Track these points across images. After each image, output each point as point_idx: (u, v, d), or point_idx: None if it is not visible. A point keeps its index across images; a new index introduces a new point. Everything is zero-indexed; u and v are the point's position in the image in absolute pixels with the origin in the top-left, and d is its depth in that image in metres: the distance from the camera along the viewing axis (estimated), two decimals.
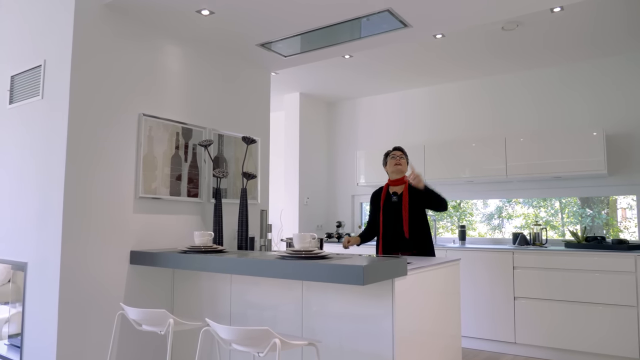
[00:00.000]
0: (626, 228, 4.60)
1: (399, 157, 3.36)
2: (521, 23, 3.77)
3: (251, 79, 3.89)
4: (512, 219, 5.19)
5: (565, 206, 4.94)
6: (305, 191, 5.73)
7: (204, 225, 3.38)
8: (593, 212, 4.77)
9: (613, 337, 3.80)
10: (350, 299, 2.34)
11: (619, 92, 4.45)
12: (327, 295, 2.42)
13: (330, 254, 2.38)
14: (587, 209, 4.80)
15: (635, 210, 4.43)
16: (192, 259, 2.58)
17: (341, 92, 5.75)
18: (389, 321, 2.22)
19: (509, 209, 5.21)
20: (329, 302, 2.41)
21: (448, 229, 5.55)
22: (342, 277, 2.03)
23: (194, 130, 3.34)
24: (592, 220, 4.78)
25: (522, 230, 5.03)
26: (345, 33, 3.33)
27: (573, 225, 4.85)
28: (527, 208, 5.11)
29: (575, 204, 4.86)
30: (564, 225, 4.92)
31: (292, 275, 2.19)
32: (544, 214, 5.02)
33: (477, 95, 5.19)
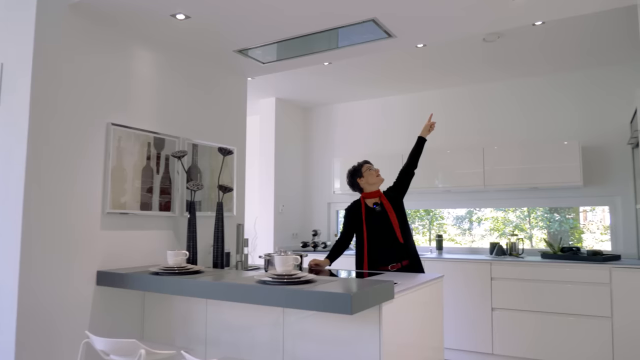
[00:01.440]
0: (589, 231, 4.69)
1: (376, 169, 3.28)
2: (502, 34, 3.74)
3: (227, 86, 3.73)
4: (482, 222, 5.20)
5: (532, 210, 4.97)
6: (280, 199, 5.59)
7: (177, 241, 3.21)
8: (561, 217, 4.83)
9: (588, 348, 3.82)
10: (335, 324, 2.23)
11: (594, 105, 4.50)
12: (310, 319, 2.30)
13: (314, 277, 2.26)
14: (555, 214, 4.85)
15: (599, 216, 4.50)
16: (165, 282, 2.41)
17: (318, 98, 5.64)
18: (376, 346, 2.12)
19: (479, 213, 5.22)
20: (312, 327, 2.29)
21: (419, 231, 5.51)
22: (329, 305, 1.91)
23: (167, 140, 3.16)
24: (560, 225, 4.84)
25: (490, 232, 5.08)
26: (327, 41, 3.21)
27: (540, 229, 4.89)
28: (496, 212, 5.13)
29: (544, 209, 4.90)
30: (532, 228, 4.96)
31: (273, 301, 2.06)
32: (513, 218, 5.04)
33: (456, 104, 5.17)
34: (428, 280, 2.66)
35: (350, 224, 3.34)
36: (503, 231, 5.07)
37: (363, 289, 1.96)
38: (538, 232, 4.94)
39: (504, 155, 4.53)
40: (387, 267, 3.18)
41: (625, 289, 3.73)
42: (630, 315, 3.70)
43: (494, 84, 4.97)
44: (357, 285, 2.09)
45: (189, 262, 3.01)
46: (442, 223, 5.41)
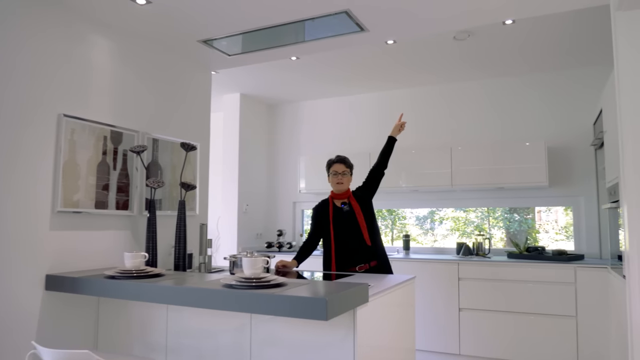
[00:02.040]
0: (545, 231, 4.77)
1: (341, 176, 3.16)
2: (473, 33, 3.72)
3: (191, 78, 3.54)
4: (443, 222, 5.21)
5: (492, 211, 5.02)
6: (244, 198, 5.41)
7: (135, 242, 3.00)
8: (520, 217, 4.90)
9: (553, 347, 3.85)
10: (306, 329, 2.11)
11: (560, 106, 4.56)
12: (279, 324, 2.17)
13: (284, 280, 2.13)
14: (515, 214, 4.91)
15: (554, 217, 4.57)
16: (122, 286, 2.22)
17: (284, 95, 5.50)
18: (350, 351, 2.01)
19: (441, 212, 5.23)
20: (281, 332, 2.16)
21: (382, 231, 5.47)
22: (302, 311, 1.79)
23: (125, 134, 2.95)
24: (520, 225, 4.91)
25: (452, 232, 5.10)
26: (296, 34, 3.09)
27: (498, 229, 4.94)
28: (457, 212, 5.15)
29: (503, 209, 4.95)
30: (491, 228, 5.01)
31: (241, 307, 1.92)
32: (473, 218, 5.07)
33: (425, 103, 5.14)
34: (401, 282, 2.58)
35: (317, 224, 3.23)
36: (464, 231, 5.10)
37: (338, 292, 1.85)
38: (497, 232, 4.99)
39: (472, 155, 4.53)
40: (354, 268, 3.10)
41: (589, 289, 3.78)
42: (594, 315, 3.75)
43: (462, 84, 4.98)
44: (330, 288, 1.97)
45: (149, 265, 2.82)
46: (405, 223, 5.39)
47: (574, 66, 4.46)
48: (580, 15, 3.41)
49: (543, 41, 3.89)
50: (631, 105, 2.29)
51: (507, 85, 4.78)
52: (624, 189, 2.34)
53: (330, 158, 3.26)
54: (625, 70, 2.32)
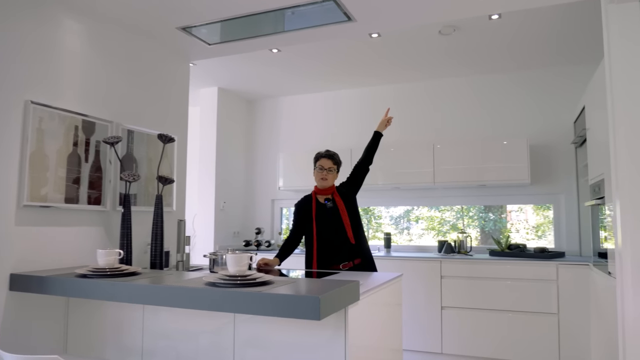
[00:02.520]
0: (516, 230, 4.80)
1: (326, 172, 3.06)
2: (458, 28, 3.67)
3: (168, 67, 3.37)
4: (419, 221, 5.18)
5: (467, 210, 5.01)
6: (221, 195, 5.25)
7: (109, 239, 2.83)
8: (495, 216, 4.90)
9: (535, 344, 3.84)
10: (294, 329, 2.00)
11: (543, 104, 4.57)
12: (264, 324, 2.05)
13: (271, 278, 2.02)
14: (490, 213, 4.92)
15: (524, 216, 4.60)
16: (95, 286, 2.07)
17: (263, 89, 5.36)
18: (341, 352, 1.91)
19: (416, 212, 5.20)
20: (267, 332, 2.04)
21: None
22: (293, 310, 1.68)
23: (98, 124, 2.78)
24: (494, 224, 4.91)
25: (427, 232, 5.08)
26: (280, 23, 2.97)
27: (473, 228, 4.94)
28: (431, 210, 5.13)
29: (478, 207, 4.94)
30: (465, 227, 5.00)
31: (226, 307, 1.79)
32: (448, 217, 5.06)
33: (408, 99, 5.09)
34: (390, 279, 2.50)
35: (300, 221, 3.13)
36: (439, 230, 5.08)
37: (330, 291, 1.74)
38: (472, 231, 4.98)
39: (454, 152, 4.49)
40: (338, 266, 3.01)
41: (571, 286, 3.79)
42: (575, 311, 3.76)
43: (446, 80, 4.94)
44: (321, 286, 1.86)
45: (123, 263, 2.65)
46: (380, 222, 5.33)
47: (555, 64, 4.48)
48: (563, 13, 3.40)
49: (525, 39, 3.88)
50: (624, 99, 2.26)
51: (490, 82, 4.77)
52: (616, 185, 2.31)
53: (319, 151, 3.16)
54: (617, 63, 2.29)
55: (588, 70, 4.41)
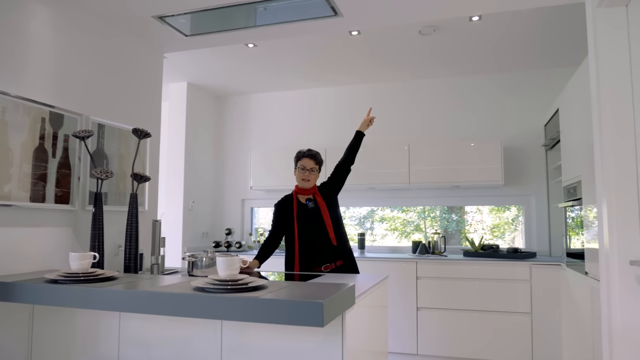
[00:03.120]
0: (475, 231, 4.88)
1: (308, 172, 2.97)
2: (438, 28, 3.67)
3: (142, 59, 3.19)
4: (384, 222, 5.19)
5: (430, 210, 5.05)
6: (190, 194, 5.06)
7: (77, 241, 2.63)
8: (457, 217, 4.97)
9: (509, 343, 3.89)
10: (286, 336, 1.90)
11: (516, 106, 4.65)
12: (253, 330, 1.94)
13: (264, 282, 1.90)
14: (453, 214, 4.97)
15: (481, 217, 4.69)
16: (68, 292, 1.89)
17: (235, 86, 5.20)
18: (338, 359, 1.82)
19: (379, 212, 5.20)
20: (257, 339, 1.93)
21: None
22: (294, 317, 1.58)
23: (66, 116, 2.57)
24: (457, 225, 4.97)
25: (391, 232, 5.10)
26: (264, 15, 2.86)
27: (433, 229, 4.99)
28: (395, 211, 5.14)
29: (442, 208, 5.00)
30: (427, 228, 5.04)
31: (219, 314, 1.67)
32: (410, 217, 5.08)
33: (385, 99, 5.06)
34: (378, 282, 2.44)
35: (280, 221, 3.03)
36: (403, 231, 5.09)
37: (331, 295, 1.66)
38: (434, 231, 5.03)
39: (429, 153, 4.50)
40: (320, 268, 2.93)
41: (543, 285, 3.86)
42: (547, 311, 3.83)
43: (424, 80, 4.94)
44: (318, 291, 1.77)
45: (94, 267, 2.47)
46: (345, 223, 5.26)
47: (530, 67, 4.56)
48: (540, 17, 3.45)
49: (502, 41, 3.92)
50: (612, 102, 2.29)
51: (467, 84, 4.81)
52: (603, 187, 2.33)
53: (301, 150, 3.06)
54: (605, 65, 2.32)
55: (561, 73, 4.52)
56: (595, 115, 2.42)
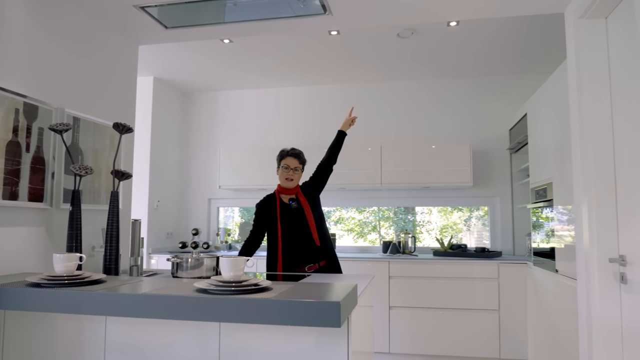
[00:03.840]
0: (427, 232, 5.04)
1: (292, 171, 2.94)
2: (416, 31, 3.73)
3: (118, 50, 3.03)
4: (338, 223, 5.24)
5: (385, 211, 5.14)
6: (155, 193, 4.87)
7: (50, 241, 2.46)
8: (414, 218, 5.10)
9: (478, 339, 4.02)
10: (288, 338, 1.86)
11: (485, 110, 4.80)
12: (253, 332, 1.88)
13: (268, 283, 1.85)
14: (409, 215, 5.09)
15: (434, 217, 4.86)
16: (55, 297, 1.76)
17: (203, 82, 5.06)
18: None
19: (336, 213, 5.24)
20: (256, 342, 1.88)
21: None
22: (310, 318, 1.55)
23: (41, 108, 2.40)
24: (414, 225, 5.10)
25: (348, 233, 5.16)
26: (249, 10, 2.79)
27: (387, 229, 5.08)
28: (350, 212, 5.21)
29: (397, 209, 5.10)
30: (383, 229, 5.13)
31: (232, 317, 1.61)
32: (371, 218, 5.16)
33: (357, 99, 5.09)
34: (370, 282, 2.44)
35: (262, 221, 2.98)
36: (359, 232, 5.15)
37: (341, 295, 1.64)
38: (389, 230, 5.13)
39: (401, 154, 4.57)
40: (303, 268, 2.91)
41: (510, 283, 4.01)
42: (514, 307, 3.99)
43: (398, 82, 5.01)
44: (326, 291, 1.75)
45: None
46: None
47: (500, 73, 4.73)
48: (513, 27, 3.59)
49: (476, 48, 4.04)
50: (592, 107, 2.41)
51: (440, 87, 4.92)
52: (583, 189, 2.45)
53: (284, 149, 3.02)
54: (586, 72, 2.44)
55: (527, 80, 4.72)
56: (576, 120, 2.54)
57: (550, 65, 4.47)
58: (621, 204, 2.30)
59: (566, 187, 2.98)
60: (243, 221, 5.45)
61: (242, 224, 5.44)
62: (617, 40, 2.32)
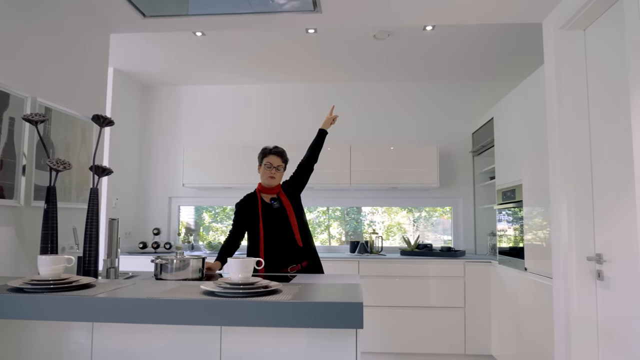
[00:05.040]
0: (374, 232, 5.10)
1: (275, 170, 2.89)
2: (392, 34, 3.77)
3: (90, 38, 2.84)
4: None
5: (333, 210, 5.21)
6: (114, 191, 4.61)
7: (19, 242, 2.26)
8: (362, 217, 5.19)
9: (445, 336, 4.13)
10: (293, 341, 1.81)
11: (451, 114, 4.94)
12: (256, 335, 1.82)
13: (278, 285, 1.79)
14: (360, 214, 5.18)
15: (381, 218, 5.02)
16: (42, 302, 1.61)
17: (165, 75, 4.85)
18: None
19: None
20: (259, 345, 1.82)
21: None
22: (331, 319, 1.52)
23: (13, 96, 2.20)
24: (359, 225, 5.17)
25: None
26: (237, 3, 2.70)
27: (336, 228, 5.16)
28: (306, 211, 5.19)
29: (341, 209, 5.16)
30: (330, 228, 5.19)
31: (247, 320, 1.54)
32: (323, 218, 5.21)
33: (326, 99, 5.07)
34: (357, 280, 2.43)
35: (242, 221, 2.90)
36: (312, 231, 5.16)
37: (355, 295, 1.62)
38: (336, 230, 5.20)
39: (370, 155, 4.61)
40: (286, 269, 2.86)
41: (475, 281, 4.16)
42: (479, 304, 4.13)
43: (368, 84, 5.04)
44: (337, 291, 1.72)
45: None
46: None
47: (469, 79, 4.88)
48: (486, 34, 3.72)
49: (447, 53, 4.15)
50: (572, 112, 2.54)
51: (409, 89, 5.00)
52: (563, 191, 2.58)
53: (266, 147, 2.96)
54: (567, 81, 2.57)
55: (492, 87, 4.90)
56: (555, 124, 2.67)
57: (516, 73, 4.68)
58: (597, 206, 2.44)
59: (536, 188, 3.13)
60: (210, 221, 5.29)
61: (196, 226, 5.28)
62: (595, 49, 2.46)
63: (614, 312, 2.28)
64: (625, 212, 2.18)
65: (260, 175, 2.93)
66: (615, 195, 2.26)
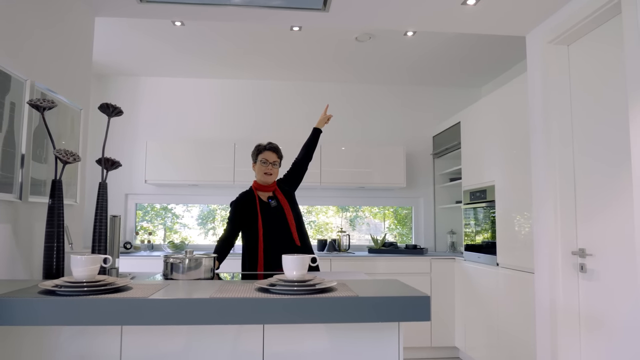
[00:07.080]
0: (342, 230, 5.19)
1: (271, 166, 2.87)
2: (374, 37, 3.87)
3: (76, 21, 2.62)
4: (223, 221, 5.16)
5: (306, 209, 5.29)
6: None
7: (16, 241, 2.04)
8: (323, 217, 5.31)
9: (413, 329, 4.30)
10: (336, 338, 1.82)
11: (416, 117, 5.14)
12: (298, 332, 1.81)
13: (333, 283, 1.79)
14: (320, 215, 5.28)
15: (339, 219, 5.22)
16: (84, 306, 1.48)
17: (122, 65, 4.56)
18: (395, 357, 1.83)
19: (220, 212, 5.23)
20: (303, 342, 1.81)
21: None
22: (400, 313, 1.55)
23: (14, 79, 1.98)
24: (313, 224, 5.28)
25: None
26: None
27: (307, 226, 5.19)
28: None
29: None
30: None
31: (313, 317, 1.53)
32: None
33: (299, 97, 5.04)
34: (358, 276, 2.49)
35: (239, 220, 2.84)
36: None
37: (409, 288, 1.67)
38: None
39: (340, 155, 4.67)
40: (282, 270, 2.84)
41: (440, 277, 4.37)
42: (444, 298, 4.35)
43: (340, 84, 5.09)
44: (387, 286, 1.76)
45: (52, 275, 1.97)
46: (177, 222, 5.05)
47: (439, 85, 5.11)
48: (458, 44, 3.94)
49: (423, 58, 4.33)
50: (557, 119, 2.78)
51: (381, 92, 5.15)
52: (549, 190, 2.82)
53: (260, 144, 2.91)
54: (553, 91, 2.81)
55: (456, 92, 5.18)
56: (540, 128, 2.90)
57: (476, 80, 4.97)
58: (579, 204, 2.69)
59: (509, 189, 3.38)
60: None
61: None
62: (578, 63, 2.71)
63: (596, 302, 2.53)
64: (607, 209, 2.43)
65: (256, 172, 2.88)
66: (596, 193, 2.52)
